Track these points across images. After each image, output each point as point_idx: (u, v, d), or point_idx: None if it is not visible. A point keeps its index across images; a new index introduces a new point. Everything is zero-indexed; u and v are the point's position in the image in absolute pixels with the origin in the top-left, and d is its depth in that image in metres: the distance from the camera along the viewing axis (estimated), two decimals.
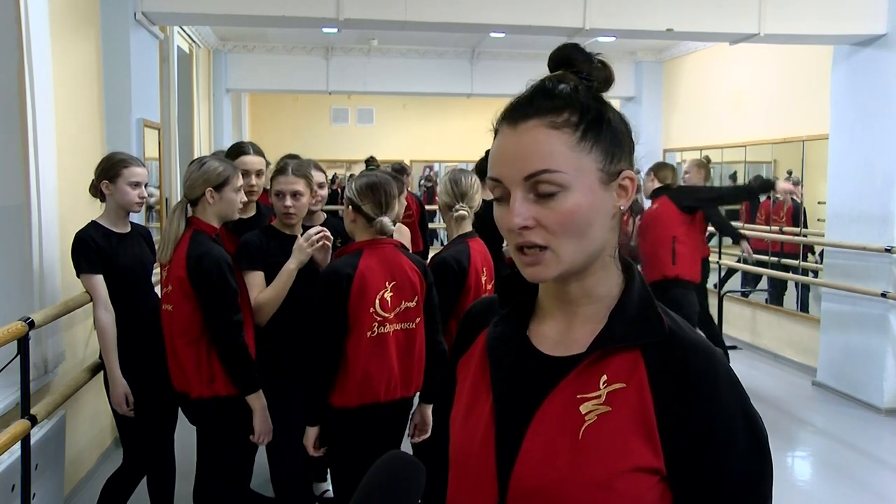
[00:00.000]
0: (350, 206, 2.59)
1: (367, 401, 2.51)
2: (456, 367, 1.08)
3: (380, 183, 2.57)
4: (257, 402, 2.68)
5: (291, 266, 2.76)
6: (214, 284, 2.59)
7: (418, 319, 2.60)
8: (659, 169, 5.29)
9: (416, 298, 2.59)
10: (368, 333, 2.48)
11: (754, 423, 0.88)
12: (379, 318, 2.50)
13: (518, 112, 0.90)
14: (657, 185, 5.17)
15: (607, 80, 0.95)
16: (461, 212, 3.00)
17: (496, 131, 0.93)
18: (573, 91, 0.90)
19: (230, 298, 2.62)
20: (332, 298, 2.47)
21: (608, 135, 0.90)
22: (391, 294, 2.52)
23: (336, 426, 2.57)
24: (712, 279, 6.86)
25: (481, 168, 4.31)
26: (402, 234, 3.45)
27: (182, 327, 2.63)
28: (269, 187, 3.14)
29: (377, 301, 2.49)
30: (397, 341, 2.54)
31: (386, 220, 2.55)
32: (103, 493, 3.05)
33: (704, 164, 5.85)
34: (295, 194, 2.85)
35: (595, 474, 0.85)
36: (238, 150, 3.27)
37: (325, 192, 3.28)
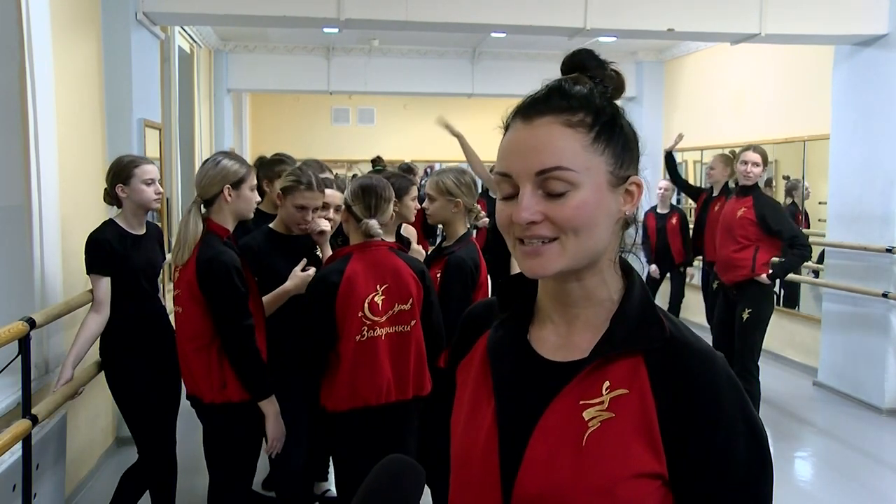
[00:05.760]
0: (344, 208, 2.60)
1: (358, 405, 2.49)
2: (455, 371, 1.06)
3: (372, 185, 2.57)
4: (271, 407, 2.61)
5: (289, 286, 2.75)
6: (223, 289, 2.52)
7: (413, 322, 2.57)
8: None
9: (411, 301, 2.56)
10: (357, 338, 2.47)
11: (754, 428, 0.89)
12: (368, 322, 2.48)
13: (533, 108, 0.90)
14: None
15: (619, 87, 0.97)
16: (484, 217, 2.98)
17: (506, 128, 0.92)
18: (589, 93, 0.91)
19: (239, 302, 2.54)
20: (317, 306, 2.47)
21: (620, 139, 0.91)
22: (383, 297, 2.50)
23: (330, 429, 2.57)
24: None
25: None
26: (410, 233, 3.45)
27: (191, 332, 2.58)
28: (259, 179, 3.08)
29: (366, 305, 2.47)
30: (390, 345, 2.52)
31: (373, 222, 2.53)
32: (119, 484, 3.10)
33: (731, 161, 5.36)
34: (316, 209, 2.84)
35: (597, 481, 0.85)
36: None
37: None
